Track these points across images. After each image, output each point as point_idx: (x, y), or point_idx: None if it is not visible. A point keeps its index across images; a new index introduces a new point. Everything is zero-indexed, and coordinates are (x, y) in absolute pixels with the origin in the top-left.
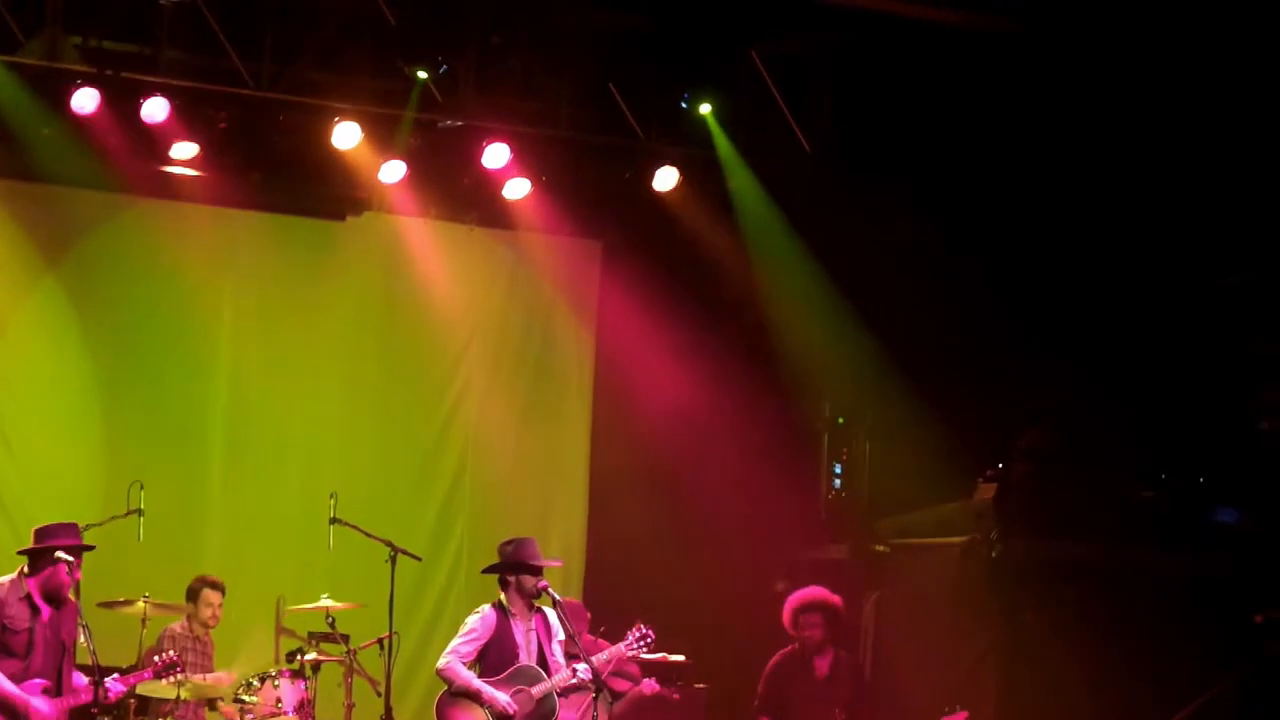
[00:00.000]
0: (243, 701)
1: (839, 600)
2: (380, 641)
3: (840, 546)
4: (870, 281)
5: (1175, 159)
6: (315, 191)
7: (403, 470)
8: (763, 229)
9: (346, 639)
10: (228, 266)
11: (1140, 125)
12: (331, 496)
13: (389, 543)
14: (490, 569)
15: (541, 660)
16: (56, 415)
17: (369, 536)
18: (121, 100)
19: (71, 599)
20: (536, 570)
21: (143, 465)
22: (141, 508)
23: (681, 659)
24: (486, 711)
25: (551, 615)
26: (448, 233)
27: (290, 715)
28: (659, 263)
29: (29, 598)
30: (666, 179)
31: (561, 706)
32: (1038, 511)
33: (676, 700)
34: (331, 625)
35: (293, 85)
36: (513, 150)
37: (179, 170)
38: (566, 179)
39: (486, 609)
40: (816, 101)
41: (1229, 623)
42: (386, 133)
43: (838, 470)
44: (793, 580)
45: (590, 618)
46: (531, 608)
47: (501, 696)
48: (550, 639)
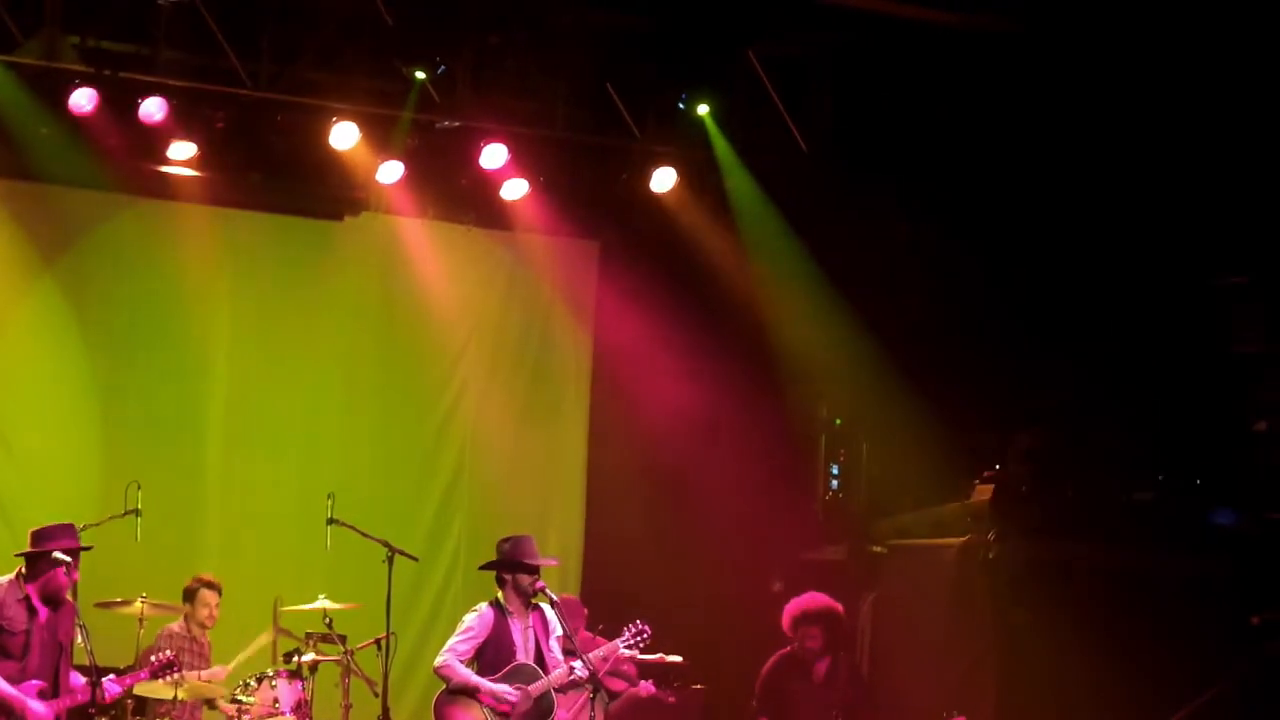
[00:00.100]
0: (240, 702)
1: (840, 608)
2: (377, 642)
3: (838, 547)
4: (867, 282)
5: (1172, 159)
6: (313, 192)
7: (400, 470)
8: (760, 229)
9: (344, 639)
10: (226, 266)
11: (1138, 125)
12: (329, 497)
13: (386, 543)
14: (487, 566)
15: (539, 658)
16: (54, 415)
17: (366, 537)
18: (120, 100)
19: (69, 600)
20: (533, 569)
21: (140, 465)
22: (139, 508)
23: (678, 660)
24: (485, 710)
25: (549, 613)
26: (445, 233)
27: (287, 715)
28: (656, 263)
29: (27, 599)
30: (664, 179)
31: (559, 704)
32: (1035, 512)
33: (672, 703)
34: (329, 625)
35: (291, 85)
36: (510, 150)
37: (177, 170)
38: (564, 179)
39: (484, 607)
40: (814, 102)
41: (1227, 624)
42: (384, 133)
43: (835, 471)
44: (790, 581)
45: (588, 614)
46: (528, 606)
47: (500, 689)
48: (547, 637)
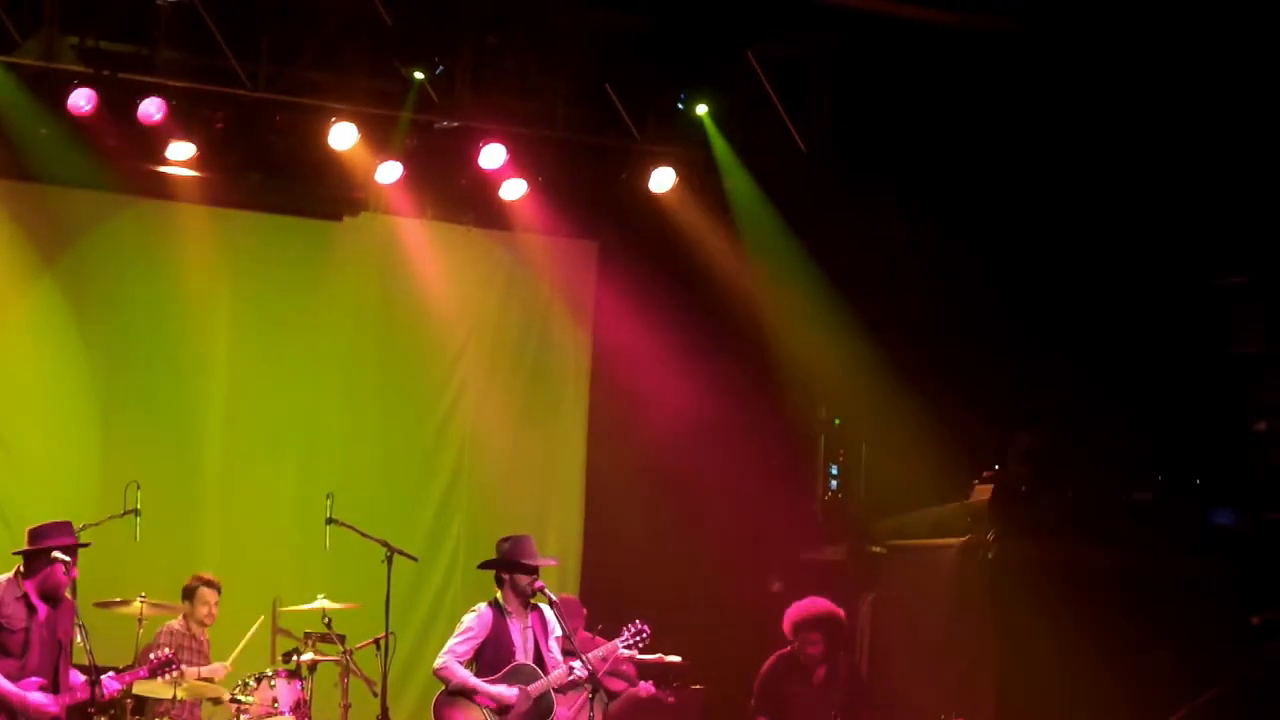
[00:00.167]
0: (239, 701)
1: (841, 613)
2: (376, 641)
3: (837, 548)
4: (867, 282)
5: (1172, 159)
6: (312, 192)
7: (399, 470)
8: (759, 229)
9: (343, 639)
10: (225, 267)
11: (1137, 125)
12: (328, 496)
13: (385, 543)
14: (485, 565)
15: (538, 658)
16: (53, 415)
17: (365, 537)
18: (118, 100)
19: (68, 598)
20: (532, 569)
21: (139, 465)
22: (138, 508)
23: (677, 660)
24: (484, 711)
25: (548, 613)
26: (444, 233)
27: (286, 715)
28: (655, 263)
29: (25, 597)
30: (663, 180)
31: (559, 704)
32: (1035, 513)
33: (671, 704)
34: (328, 625)
35: (290, 86)
36: (509, 151)
37: (176, 170)
38: (563, 179)
39: (483, 608)
40: (813, 102)
41: (1227, 624)
42: (383, 133)
43: (834, 471)
44: (789, 581)
45: (586, 614)
46: (527, 606)
47: (499, 690)
48: (546, 637)
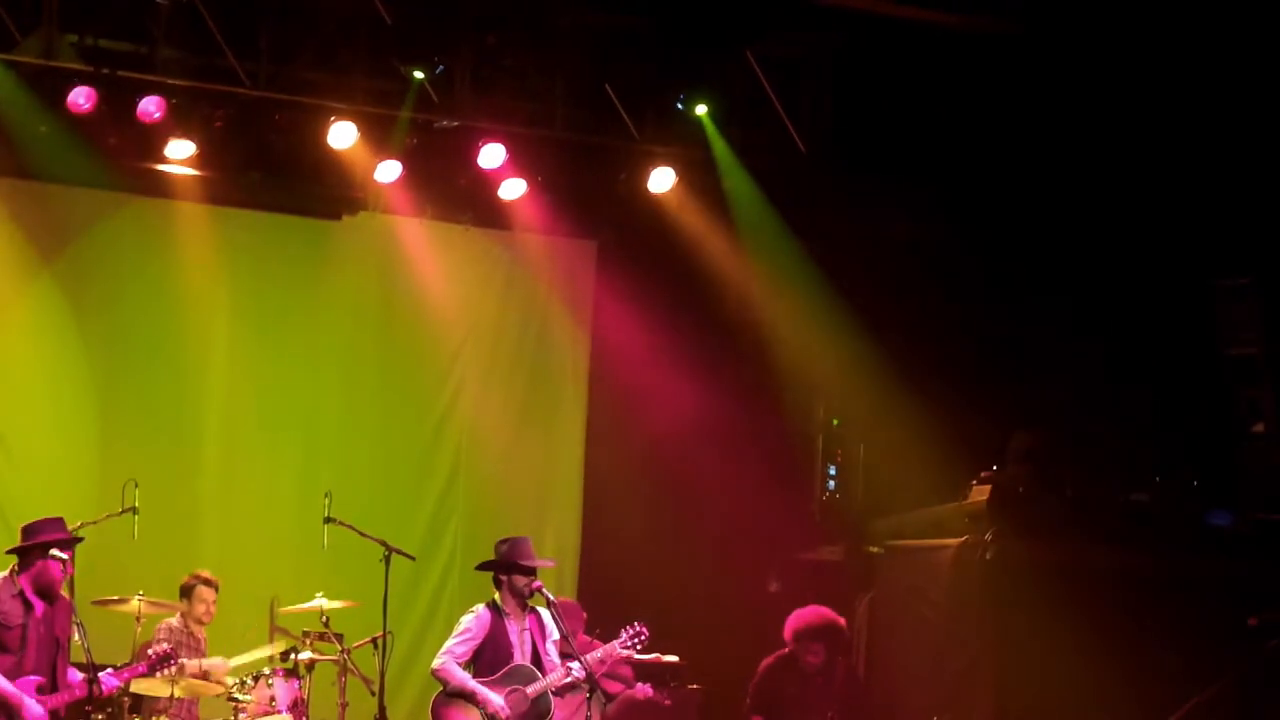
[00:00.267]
0: (237, 700)
1: (843, 621)
2: (374, 640)
3: (834, 548)
4: (865, 283)
5: (1171, 160)
6: (311, 191)
7: (398, 469)
8: (758, 229)
9: (340, 638)
10: (223, 265)
11: (1135, 126)
12: (326, 495)
13: (383, 542)
14: (483, 566)
15: (535, 660)
16: (52, 413)
17: (363, 536)
18: (118, 99)
19: (64, 595)
20: (529, 570)
21: (138, 463)
22: (136, 506)
23: (675, 660)
24: (481, 712)
25: (545, 615)
26: (443, 232)
27: (284, 714)
28: (654, 263)
29: (22, 594)
30: (662, 179)
31: (556, 706)
32: (1032, 513)
33: (668, 706)
34: (325, 624)
35: (289, 85)
36: (508, 150)
37: (175, 169)
38: (562, 179)
39: (481, 609)
40: (812, 102)
41: (1224, 624)
42: (382, 132)
43: (832, 471)
44: (787, 581)
45: (586, 618)
46: (525, 607)
47: (495, 698)
48: (544, 639)
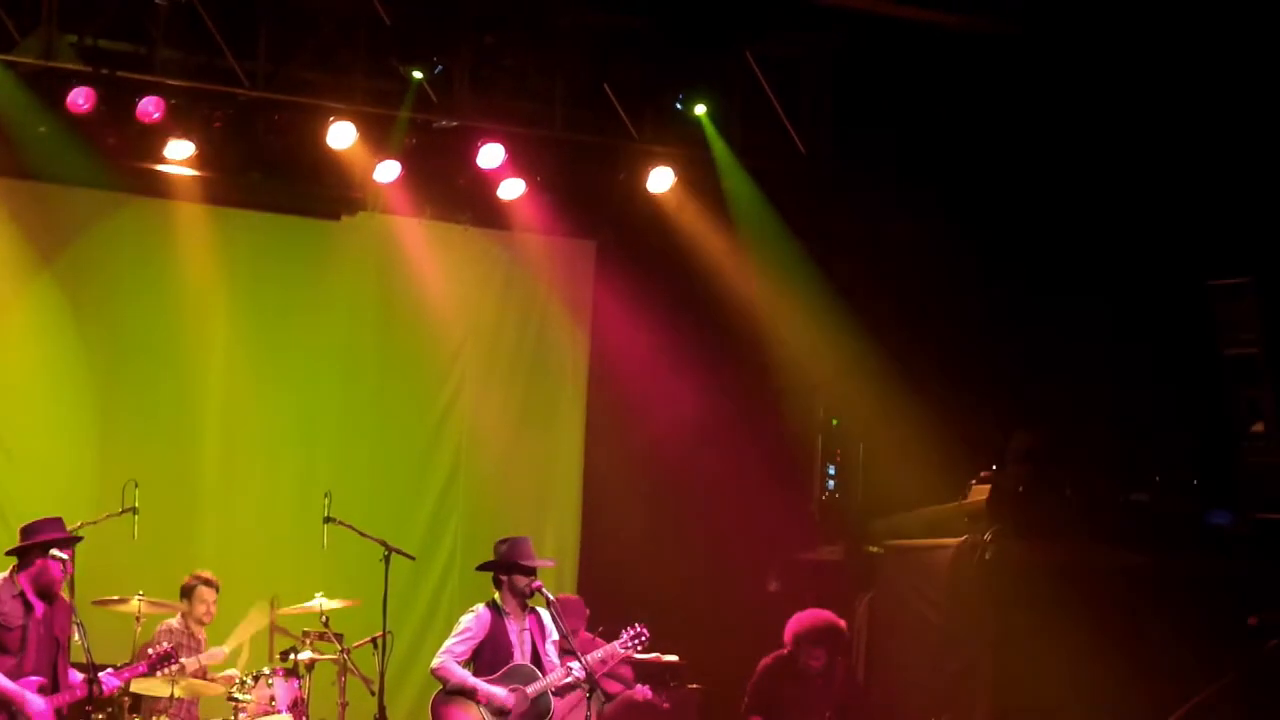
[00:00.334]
0: (236, 700)
1: (843, 624)
2: (374, 640)
3: (833, 548)
4: (864, 282)
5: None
6: (310, 191)
7: (397, 469)
8: (757, 230)
9: (340, 638)
10: (223, 266)
11: (1134, 127)
12: (326, 495)
13: (383, 542)
14: (483, 566)
15: (535, 659)
16: (51, 413)
17: (363, 535)
18: (117, 99)
19: (64, 595)
20: (529, 570)
21: (137, 463)
22: (136, 506)
23: (675, 659)
24: (483, 709)
25: (545, 616)
26: (442, 232)
27: (284, 714)
28: (654, 263)
29: (22, 595)
30: (661, 179)
31: (556, 705)
32: (1032, 513)
33: (667, 709)
34: (325, 624)
35: (288, 85)
36: (507, 150)
37: (174, 169)
38: (561, 179)
39: (481, 608)
40: (812, 102)
41: (1224, 624)
42: (381, 133)
43: (831, 471)
44: (786, 581)
45: (589, 615)
46: (525, 607)
47: (498, 690)
48: (544, 638)
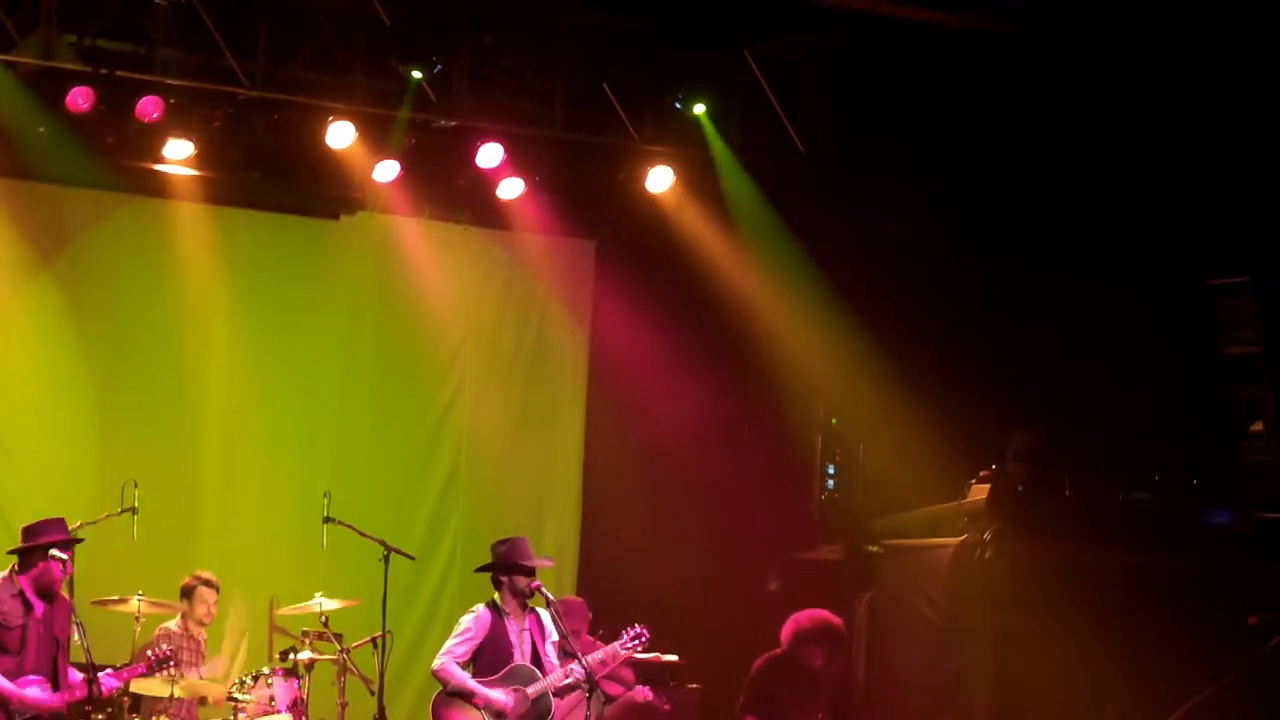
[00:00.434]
0: (236, 700)
1: (840, 622)
2: (374, 640)
3: (833, 547)
4: (864, 282)
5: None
6: (310, 191)
7: (397, 469)
8: (757, 229)
9: (340, 638)
10: (222, 265)
11: (1133, 126)
12: (325, 495)
13: (383, 541)
14: (483, 569)
15: (535, 660)
16: (51, 413)
17: (363, 535)
18: (116, 99)
19: (64, 595)
20: (529, 570)
21: (137, 463)
22: (136, 506)
23: (674, 659)
24: (482, 713)
25: (545, 616)
26: (442, 232)
27: (283, 714)
28: (653, 263)
29: (21, 594)
30: (661, 179)
31: (557, 706)
32: (1031, 512)
33: (667, 711)
34: (325, 624)
35: (287, 85)
36: (507, 150)
37: (174, 169)
38: (560, 179)
39: (481, 609)
40: (811, 102)
41: (1224, 624)
42: (381, 132)
43: (831, 471)
44: (786, 581)
45: (591, 618)
46: (525, 607)
47: (497, 695)
48: (544, 639)
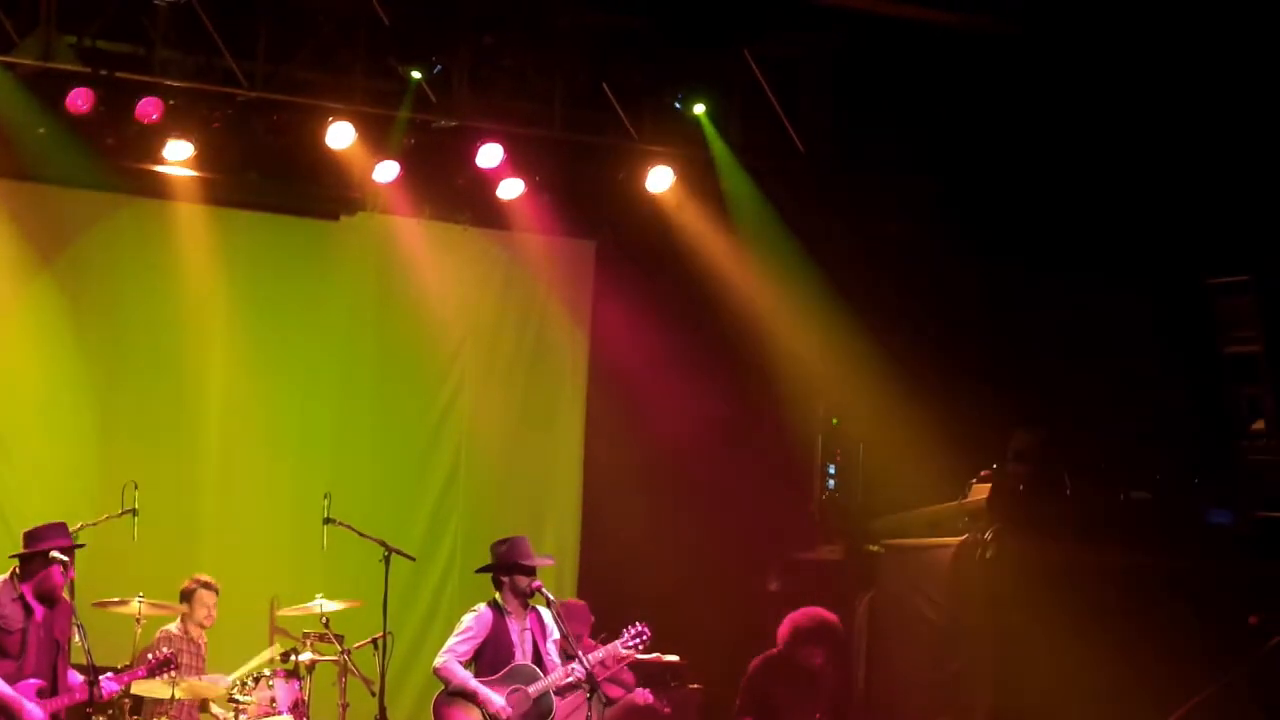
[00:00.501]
0: (237, 702)
1: (838, 622)
2: (374, 641)
3: (834, 547)
4: (864, 282)
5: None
6: (309, 191)
7: (397, 470)
8: (757, 229)
9: (341, 639)
10: (222, 266)
11: (1133, 126)
12: (325, 496)
13: (383, 542)
14: (484, 569)
15: (537, 659)
16: (51, 414)
17: (363, 536)
18: (116, 100)
19: (65, 598)
20: (530, 570)
21: (137, 465)
22: (136, 508)
23: (675, 659)
24: (482, 712)
25: (546, 615)
26: (442, 233)
27: (284, 715)
28: (653, 263)
29: (22, 598)
30: (661, 179)
31: (559, 705)
32: (1032, 512)
33: (668, 714)
34: (326, 625)
35: (287, 85)
36: (506, 150)
37: (173, 170)
38: (560, 179)
39: (482, 608)
40: (811, 102)
41: (1224, 624)
42: (380, 133)
43: (832, 470)
44: (786, 581)
45: (594, 621)
46: (526, 607)
47: (497, 698)
48: (545, 638)
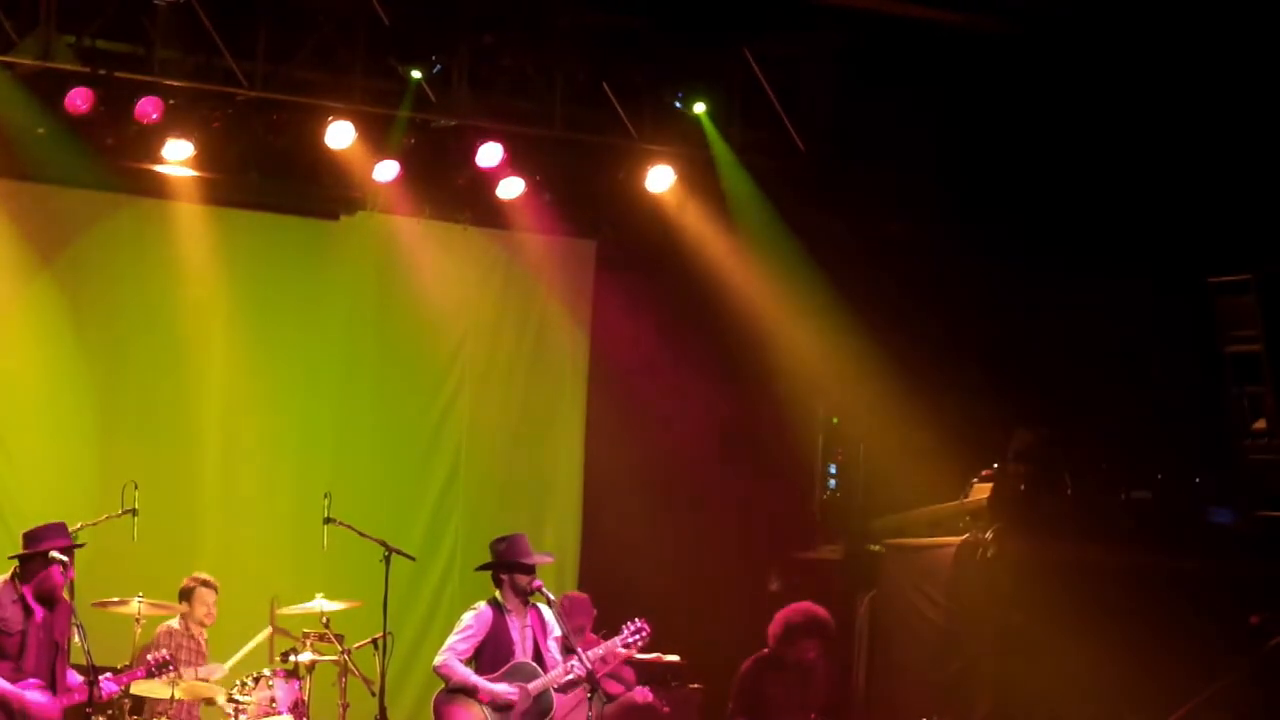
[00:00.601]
0: (237, 701)
1: (829, 617)
2: (375, 641)
3: (834, 547)
4: (865, 281)
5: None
6: (309, 191)
7: (397, 469)
8: (757, 229)
9: (341, 638)
10: (222, 266)
11: (1134, 126)
12: (325, 496)
13: (383, 542)
14: (484, 568)
15: (537, 657)
16: (51, 414)
17: (363, 536)
18: (115, 100)
19: (65, 599)
20: (529, 568)
21: (137, 465)
22: (136, 507)
23: (675, 659)
24: (484, 708)
25: (546, 612)
26: (442, 232)
27: (284, 715)
28: (653, 262)
29: (22, 599)
30: (661, 178)
31: (559, 702)
32: (1033, 512)
33: (667, 713)
34: (326, 625)
35: (286, 85)
36: (506, 150)
37: (173, 170)
38: (560, 178)
39: (482, 606)
40: (811, 101)
41: (1225, 624)
42: (380, 132)
43: (833, 470)
44: (787, 580)
45: (596, 614)
46: (526, 604)
47: (500, 687)
48: (545, 635)
